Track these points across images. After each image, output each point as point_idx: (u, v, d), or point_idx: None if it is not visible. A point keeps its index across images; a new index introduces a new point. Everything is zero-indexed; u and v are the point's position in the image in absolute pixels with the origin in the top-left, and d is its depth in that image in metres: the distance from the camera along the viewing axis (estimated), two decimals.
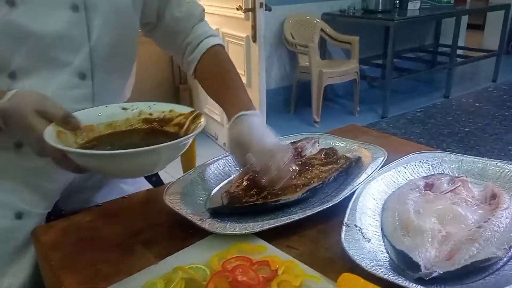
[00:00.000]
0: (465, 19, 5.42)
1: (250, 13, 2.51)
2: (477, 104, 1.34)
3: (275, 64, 4.01)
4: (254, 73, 2.60)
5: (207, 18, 0.98)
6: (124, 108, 0.71)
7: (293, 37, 3.84)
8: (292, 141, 0.94)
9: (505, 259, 0.58)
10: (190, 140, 0.63)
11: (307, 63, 3.69)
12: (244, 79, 2.72)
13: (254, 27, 2.44)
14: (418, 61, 5.07)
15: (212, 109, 3.40)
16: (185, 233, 0.66)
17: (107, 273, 0.59)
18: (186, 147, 0.64)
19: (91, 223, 0.72)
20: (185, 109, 0.71)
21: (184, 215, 0.67)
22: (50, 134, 0.57)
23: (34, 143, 0.61)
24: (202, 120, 0.67)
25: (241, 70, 2.73)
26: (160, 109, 0.72)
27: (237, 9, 2.59)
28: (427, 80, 5.01)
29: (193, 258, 0.58)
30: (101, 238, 0.67)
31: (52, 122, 0.60)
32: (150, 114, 0.71)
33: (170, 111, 0.71)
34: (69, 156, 0.57)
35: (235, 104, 0.82)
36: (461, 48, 5.14)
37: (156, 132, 0.70)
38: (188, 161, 1.45)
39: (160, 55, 3.50)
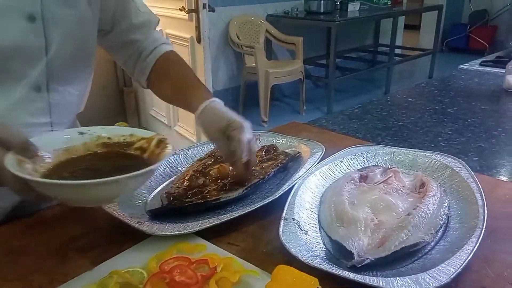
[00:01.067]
0: (402, 20, 5.70)
1: (193, 14, 2.49)
2: (410, 100, 1.42)
3: (221, 65, 4.01)
4: (200, 74, 2.58)
5: None
6: (80, 133, 0.67)
7: (239, 38, 3.85)
8: None
9: (432, 244, 0.62)
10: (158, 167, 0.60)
11: (254, 64, 3.72)
12: None
13: (198, 28, 2.43)
14: (359, 60, 5.26)
15: (158, 111, 3.34)
16: (123, 237, 0.64)
17: (40, 283, 0.56)
18: (153, 174, 0.63)
19: (25, 232, 0.68)
20: (147, 133, 0.68)
21: (122, 219, 0.66)
22: (11, 162, 0.53)
23: None
24: (169, 146, 0.64)
25: None
26: (119, 133, 0.68)
27: (180, 10, 2.56)
28: (368, 79, 5.22)
29: (131, 262, 0.57)
30: (34, 247, 0.64)
31: (10, 150, 0.55)
32: (109, 138, 0.68)
33: (131, 135, 0.68)
34: (30, 185, 0.53)
35: (204, 95, 0.81)
36: (399, 47, 5.40)
37: (118, 155, 0.66)
38: None
39: (103, 57, 3.38)
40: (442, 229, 0.65)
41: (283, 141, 0.95)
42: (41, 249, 0.64)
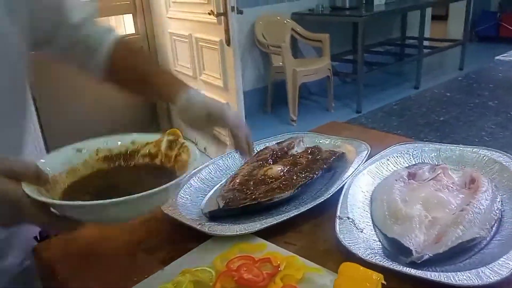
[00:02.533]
0: (429, 11, 5.58)
1: (222, 17, 2.53)
2: (448, 94, 1.41)
3: (249, 66, 4.04)
4: (230, 76, 2.62)
5: (179, 24, 0.99)
6: (78, 150, 0.62)
7: (265, 39, 3.88)
8: (278, 141, 0.97)
9: (488, 238, 0.63)
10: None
11: (281, 63, 3.74)
12: (220, 83, 2.74)
13: (227, 31, 2.46)
14: (387, 54, 5.19)
15: None
16: (186, 238, 0.68)
17: (115, 281, 0.60)
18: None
19: (91, 238, 0.73)
20: (151, 137, 0.64)
21: (184, 221, 0.70)
22: (31, 191, 0.48)
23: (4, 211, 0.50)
24: (186, 143, 0.60)
25: (216, 74, 2.75)
26: (118, 142, 0.64)
27: (209, 14, 2.60)
28: (397, 73, 5.15)
29: (197, 261, 0.61)
30: (104, 250, 0.69)
31: (23, 181, 0.50)
32: (109, 150, 0.63)
33: (132, 142, 0.64)
34: (58, 214, 0.50)
35: (176, 83, 0.80)
36: (427, 39, 5.29)
37: (128, 168, 0.62)
38: None
39: None
40: (496, 224, 0.65)
41: (327, 142, 0.97)
42: (111, 252, 0.68)
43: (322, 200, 0.73)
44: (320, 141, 0.98)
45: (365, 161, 0.85)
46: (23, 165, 0.51)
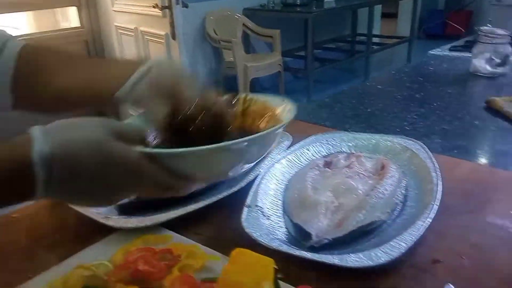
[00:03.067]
0: (378, 9, 5.75)
1: (167, 10, 2.49)
2: (379, 87, 1.45)
3: (199, 61, 4.00)
4: None
5: (125, 17, 0.90)
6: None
7: (216, 34, 3.85)
8: None
9: (389, 222, 0.65)
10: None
11: (232, 58, 3.73)
12: None
13: (172, 24, 2.43)
14: (338, 51, 5.31)
15: None
16: (90, 233, 0.66)
17: (6, 280, 0.57)
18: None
19: None
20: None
21: (89, 215, 0.67)
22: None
23: (121, 177, 0.46)
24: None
25: None
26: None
27: (154, 7, 2.56)
28: (347, 69, 5.27)
29: (97, 255, 0.59)
30: (1, 246, 0.65)
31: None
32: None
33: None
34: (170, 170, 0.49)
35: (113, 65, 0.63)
36: (376, 36, 5.45)
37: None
38: None
39: None
40: (399, 208, 0.67)
41: None
42: (7, 248, 0.65)
43: (235, 190, 0.72)
44: None
45: (285, 151, 0.85)
46: (132, 127, 0.51)
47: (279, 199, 0.72)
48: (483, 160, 0.88)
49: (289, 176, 0.79)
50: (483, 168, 0.82)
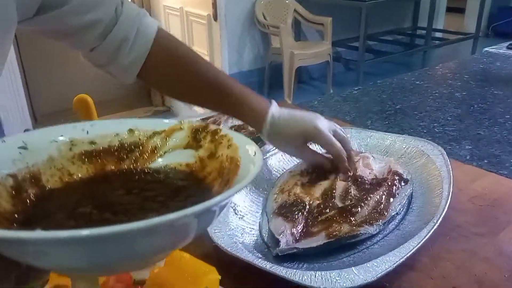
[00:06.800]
0: (443, 1, 5.38)
1: None
2: (417, 82, 1.31)
3: (247, 45, 3.93)
4: (217, 53, 2.54)
5: None
6: (22, 147, 0.38)
7: (265, 18, 3.76)
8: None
9: (380, 237, 0.56)
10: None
11: (280, 45, 3.63)
12: (207, 59, 2.66)
13: (214, 5, 2.38)
14: (396, 43, 5.03)
15: None
16: None
17: None
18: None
19: None
20: (160, 123, 0.43)
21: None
22: None
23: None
24: (224, 130, 0.40)
25: (204, 50, 2.67)
26: (106, 130, 0.41)
27: None
28: (404, 63, 4.98)
29: None
30: None
31: None
32: (92, 142, 0.41)
33: (130, 131, 0.42)
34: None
35: (255, 100, 0.66)
36: (438, 30, 5.11)
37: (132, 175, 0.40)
38: None
39: None
40: (396, 221, 0.58)
41: None
42: None
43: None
44: None
45: None
46: None
47: (261, 197, 0.65)
48: None
49: (281, 173, 0.71)
50: (510, 183, 0.69)
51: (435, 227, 0.52)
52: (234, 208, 0.59)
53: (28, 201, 0.36)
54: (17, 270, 0.39)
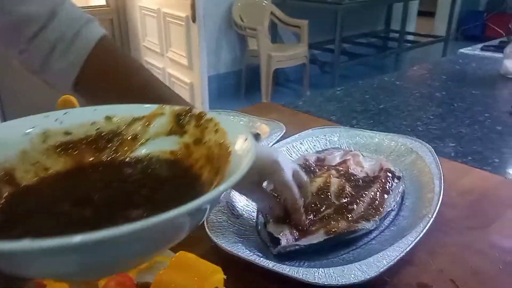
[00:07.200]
0: (414, 5, 5.52)
1: None
2: (398, 83, 1.34)
3: (224, 47, 3.93)
4: (195, 55, 2.52)
5: None
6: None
7: (242, 20, 3.77)
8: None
9: (376, 233, 0.56)
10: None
11: (257, 47, 3.64)
12: (185, 61, 2.64)
13: (193, 6, 2.36)
14: (369, 46, 5.12)
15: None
16: None
17: None
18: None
19: None
20: (141, 109, 0.40)
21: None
22: None
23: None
24: (209, 114, 0.37)
25: (182, 52, 2.65)
26: (82, 119, 0.38)
27: None
28: (377, 66, 5.08)
29: None
30: None
31: None
32: (67, 133, 0.38)
33: (107, 118, 0.39)
34: None
35: None
36: (410, 33, 5.24)
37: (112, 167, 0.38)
38: None
39: None
40: (391, 218, 0.59)
41: (245, 121, 0.89)
42: None
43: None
44: (241, 120, 0.90)
45: (276, 143, 0.78)
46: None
47: None
48: (499, 170, 0.78)
49: None
50: (497, 179, 0.72)
51: (430, 221, 0.53)
52: (230, 207, 0.58)
53: (3, 200, 0.33)
54: None
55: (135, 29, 3.21)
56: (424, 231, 0.51)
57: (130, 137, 0.39)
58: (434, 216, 0.54)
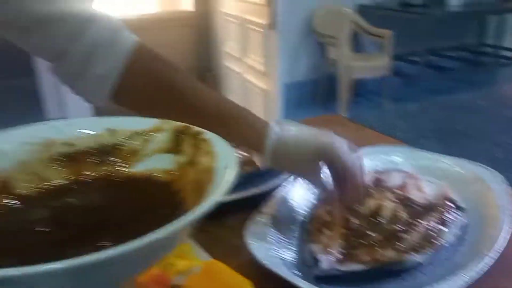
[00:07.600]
0: (511, 18, 5.08)
1: None
2: (481, 103, 1.24)
3: (303, 55, 3.91)
4: (272, 62, 2.55)
5: (232, 4, 0.82)
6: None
7: (323, 28, 3.73)
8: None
9: (426, 267, 0.52)
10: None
11: (336, 56, 3.59)
12: (262, 68, 2.68)
13: (272, 14, 2.39)
14: (460, 60, 4.80)
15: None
16: None
17: None
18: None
19: None
20: (141, 122, 0.40)
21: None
22: None
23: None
24: (207, 134, 0.37)
25: (260, 58, 2.69)
26: (85, 132, 0.38)
27: None
28: (467, 81, 4.74)
29: None
30: None
31: None
32: (68, 144, 0.38)
33: (109, 131, 0.39)
34: None
35: (251, 123, 0.56)
36: (507, 49, 4.82)
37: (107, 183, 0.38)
38: None
39: (183, 39, 3.48)
40: (446, 252, 0.54)
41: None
42: None
43: (257, 193, 0.64)
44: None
45: None
46: None
47: (301, 210, 0.63)
48: None
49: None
50: None
51: (489, 262, 0.48)
52: (272, 222, 0.58)
53: None
54: None
55: (216, 34, 3.33)
56: (481, 272, 0.47)
57: (129, 151, 0.39)
58: (494, 257, 0.49)
